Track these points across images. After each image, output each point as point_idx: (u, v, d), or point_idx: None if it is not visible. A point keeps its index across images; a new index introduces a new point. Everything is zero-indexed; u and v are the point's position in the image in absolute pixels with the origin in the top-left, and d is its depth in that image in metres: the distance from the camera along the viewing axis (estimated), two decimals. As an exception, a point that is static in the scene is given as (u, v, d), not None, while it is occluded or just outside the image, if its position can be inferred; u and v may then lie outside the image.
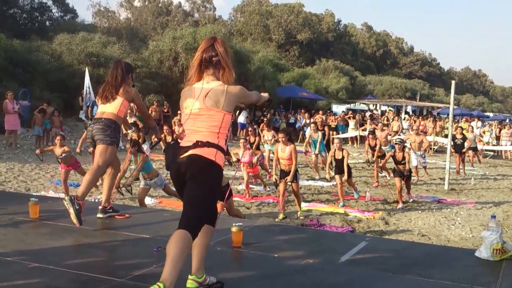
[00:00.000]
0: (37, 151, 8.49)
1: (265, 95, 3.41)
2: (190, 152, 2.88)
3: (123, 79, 4.84)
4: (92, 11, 43.31)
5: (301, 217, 8.11)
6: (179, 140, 3.06)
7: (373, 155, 11.73)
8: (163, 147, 11.09)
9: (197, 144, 2.88)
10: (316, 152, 12.43)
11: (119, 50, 22.84)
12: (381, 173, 11.67)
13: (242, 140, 10.45)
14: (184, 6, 46.38)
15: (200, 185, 2.84)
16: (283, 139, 7.93)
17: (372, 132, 12.13)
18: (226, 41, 3.10)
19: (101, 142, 4.75)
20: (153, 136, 5.40)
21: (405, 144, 10.54)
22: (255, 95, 3.29)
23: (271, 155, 10.10)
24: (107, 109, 4.82)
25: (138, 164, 7.33)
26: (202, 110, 2.94)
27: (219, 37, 3.10)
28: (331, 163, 9.74)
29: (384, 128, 13.61)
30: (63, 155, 8.18)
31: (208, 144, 2.89)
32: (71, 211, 4.35)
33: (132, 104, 5.19)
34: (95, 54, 21.42)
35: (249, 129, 12.71)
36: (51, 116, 15.26)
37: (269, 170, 9.97)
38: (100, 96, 4.89)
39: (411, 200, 9.48)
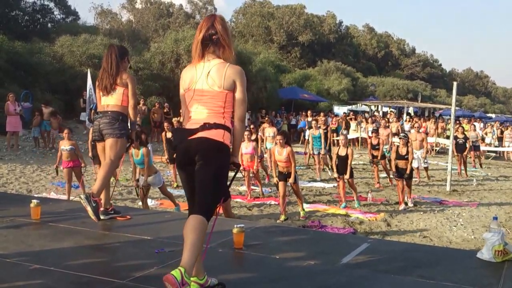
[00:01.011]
0: (55, 166, 8.64)
1: (235, 159, 3.08)
2: (199, 134, 2.88)
3: (117, 64, 4.73)
4: (94, 13, 43.31)
5: (303, 218, 8.10)
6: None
7: (372, 155, 11.68)
8: (164, 143, 11.08)
9: (205, 126, 2.88)
10: (322, 152, 12.36)
11: (121, 52, 22.86)
12: (390, 176, 11.62)
13: (246, 132, 10.34)
14: (185, 8, 46.45)
15: (210, 168, 2.85)
16: (281, 141, 7.91)
17: (376, 131, 12.08)
18: (225, 19, 3.08)
19: (110, 136, 4.70)
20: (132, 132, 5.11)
21: (409, 140, 10.49)
22: (244, 102, 3.02)
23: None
24: (110, 101, 4.77)
25: (145, 160, 7.32)
26: (205, 91, 2.94)
27: (218, 15, 3.09)
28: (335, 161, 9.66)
29: (386, 127, 13.61)
30: (69, 147, 8.23)
31: (215, 126, 2.89)
32: (89, 208, 4.36)
33: (140, 105, 5.06)
34: (97, 56, 21.43)
35: (251, 126, 12.66)
36: (50, 117, 15.27)
37: (269, 172, 9.96)
38: (99, 87, 4.80)
39: (412, 204, 9.40)
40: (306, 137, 16.50)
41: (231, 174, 3.40)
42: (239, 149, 3.17)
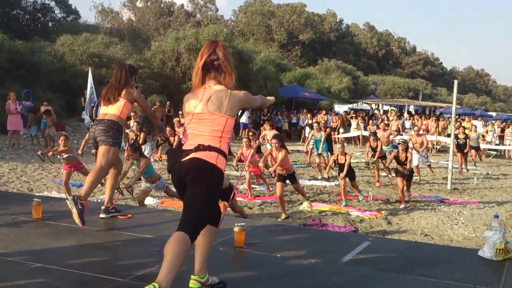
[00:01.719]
0: (39, 152, 8.50)
1: (270, 98, 3.38)
2: (192, 155, 2.88)
3: (126, 81, 4.88)
4: (94, 12, 43.31)
5: (309, 208, 8.15)
6: (182, 142, 3.05)
7: (373, 155, 11.70)
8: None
9: (199, 148, 2.89)
10: (320, 151, 12.40)
11: (122, 51, 22.88)
12: (386, 173, 11.64)
13: (245, 139, 10.44)
14: (187, 6, 46.44)
15: (199, 188, 2.84)
16: (276, 145, 7.95)
17: (374, 134, 12.09)
18: (226, 45, 3.10)
19: (104, 143, 4.77)
20: (159, 135, 5.46)
21: (408, 145, 10.52)
22: (259, 100, 3.24)
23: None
24: (110, 110, 4.85)
25: (141, 167, 7.35)
26: (205, 114, 2.94)
27: (220, 41, 3.10)
28: (333, 164, 9.69)
29: (386, 128, 13.60)
30: (65, 156, 8.19)
31: (209, 148, 2.89)
32: (74, 210, 4.37)
33: (135, 105, 5.22)
34: (98, 55, 21.46)
35: (250, 133, 12.69)
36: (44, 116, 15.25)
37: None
38: (103, 98, 4.92)
39: (410, 198, 9.44)
40: (306, 135, 16.50)
41: (233, 173, 3.40)
42: (260, 98, 3.27)
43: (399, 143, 9.84)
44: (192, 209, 2.83)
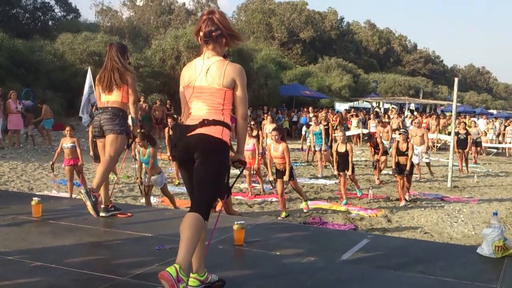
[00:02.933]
0: (51, 163, 8.56)
1: (240, 157, 3.12)
2: (198, 131, 2.88)
3: (118, 62, 4.75)
4: (94, 11, 43.36)
5: (306, 209, 8.13)
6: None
7: (375, 153, 11.66)
8: (167, 140, 11.08)
9: (204, 123, 2.88)
10: (324, 148, 12.35)
11: (122, 49, 22.86)
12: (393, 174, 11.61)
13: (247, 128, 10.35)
14: (189, 5, 46.42)
15: (208, 165, 2.84)
16: (276, 137, 7.87)
17: (372, 141, 11.96)
18: (224, 13, 3.06)
19: (111, 132, 4.71)
20: (131, 128, 5.10)
21: (409, 136, 10.47)
22: (245, 101, 3.02)
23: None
24: (111, 97, 4.78)
25: (150, 160, 7.33)
26: (204, 88, 2.93)
27: (218, 9, 3.08)
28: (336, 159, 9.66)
29: (386, 124, 13.61)
30: (71, 144, 8.25)
31: (214, 122, 2.89)
32: (88, 203, 4.37)
33: (141, 103, 5.09)
34: (97, 53, 21.45)
35: (252, 122, 12.64)
36: (40, 106, 15.20)
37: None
38: (100, 83, 4.81)
39: (410, 198, 9.42)
40: (303, 133, 16.48)
41: (235, 172, 3.40)
42: (243, 146, 3.17)
43: (400, 133, 9.77)
44: (202, 187, 2.84)
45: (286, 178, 7.76)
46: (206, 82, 2.93)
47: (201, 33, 2.95)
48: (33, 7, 30.97)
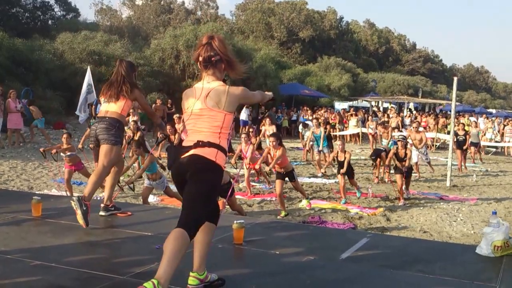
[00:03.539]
0: (41, 149, 8.49)
1: (269, 93, 3.39)
2: (191, 152, 2.89)
3: (127, 78, 4.85)
4: (94, 10, 43.30)
5: (308, 207, 8.16)
6: (182, 139, 3.06)
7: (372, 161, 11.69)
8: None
9: (198, 144, 2.89)
10: (320, 148, 12.40)
11: (121, 49, 22.87)
12: (385, 172, 11.65)
13: (244, 135, 10.37)
14: (188, 4, 46.37)
15: (199, 184, 2.85)
16: (274, 143, 7.96)
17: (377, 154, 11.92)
18: (223, 39, 3.09)
19: (106, 142, 4.76)
20: (159, 133, 5.44)
21: (407, 141, 10.52)
22: (258, 95, 3.26)
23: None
24: (111, 108, 4.83)
25: (144, 163, 7.34)
26: (204, 111, 2.94)
27: (217, 35, 3.10)
28: (332, 161, 9.69)
29: (386, 124, 13.62)
30: (68, 153, 8.21)
31: (209, 144, 2.89)
32: (78, 212, 4.40)
33: (135, 102, 5.21)
34: (97, 53, 21.46)
35: (250, 129, 12.65)
36: (30, 106, 15.13)
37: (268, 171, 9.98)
38: (104, 95, 4.90)
39: (410, 197, 9.46)
40: (300, 130, 16.48)
41: (234, 171, 3.42)
42: (258, 93, 3.27)
43: (398, 140, 9.86)
44: (191, 206, 2.84)
45: (270, 167, 7.88)
46: (205, 106, 2.94)
47: (201, 58, 2.98)
48: (33, 6, 30.94)
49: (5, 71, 18.17)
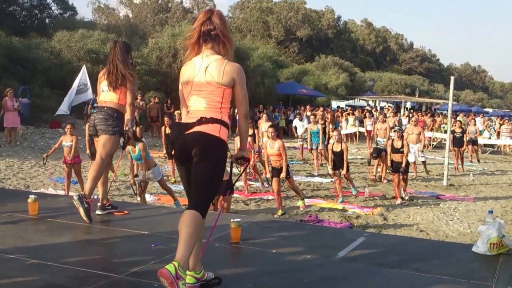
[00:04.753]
0: (44, 155, 8.52)
1: (243, 154, 3.11)
2: (195, 129, 2.89)
3: (123, 60, 4.74)
4: (91, 8, 43.22)
5: (303, 208, 8.16)
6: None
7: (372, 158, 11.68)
8: (163, 138, 11.06)
9: (201, 121, 2.89)
10: (321, 147, 12.39)
11: (119, 47, 22.81)
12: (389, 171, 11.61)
13: None
14: (185, 3, 46.29)
15: (206, 163, 2.85)
16: (272, 134, 7.89)
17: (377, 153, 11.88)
18: (223, 14, 3.08)
19: (104, 133, 4.70)
20: (125, 129, 4.82)
21: (403, 133, 10.48)
22: (246, 106, 3.04)
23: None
24: (108, 97, 4.78)
25: (142, 155, 7.33)
26: (203, 86, 2.94)
27: (217, 9, 3.09)
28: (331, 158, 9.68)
29: (385, 120, 13.64)
30: (70, 143, 8.25)
31: (212, 120, 2.90)
32: (81, 209, 4.41)
33: (138, 101, 5.08)
34: (94, 51, 21.40)
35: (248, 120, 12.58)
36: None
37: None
38: (106, 79, 4.77)
39: (407, 197, 9.45)
40: (294, 124, 16.43)
41: (236, 171, 3.42)
42: (246, 144, 3.17)
43: (394, 131, 9.78)
44: (200, 185, 2.85)
45: (283, 175, 7.76)
46: (204, 80, 2.94)
47: (199, 31, 2.96)
48: (30, 4, 30.84)
49: (2, 69, 18.11)
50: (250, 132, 10.84)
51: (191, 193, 2.89)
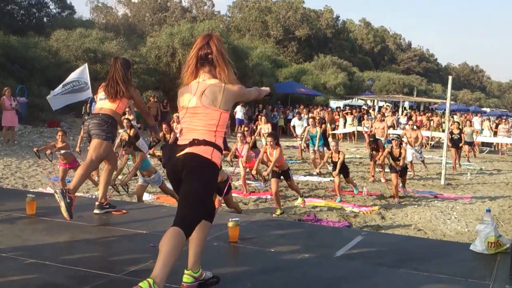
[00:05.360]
0: (34, 149, 8.45)
1: (265, 89, 3.41)
2: (187, 150, 2.88)
3: (123, 76, 4.81)
4: (90, 7, 43.10)
5: (302, 204, 8.18)
6: (178, 138, 3.05)
7: (372, 148, 11.66)
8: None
9: (194, 142, 2.88)
10: (316, 148, 12.42)
11: (117, 46, 22.79)
12: (379, 170, 11.68)
13: (239, 135, 10.42)
14: (184, 2, 46.22)
15: (195, 183, 2.83)
16: (271, 143, 7.98)
17: (374, 141, 11.89)
18: (221, 38, 3.09)
19: (96, 137, 4.75)
20: (152, 136, 5.28)
21: (402, 139, 10.54)
22: (254, 92, 3.24)
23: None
24: (106, 105, 4.83)
25: (136, 162, 7.33)
26: (199, 108, 2.93)
27: (215, 34, 3.09)
28: (329, 160, 9.70)
29: (383, 119, 13.67)
30: (63, 151, 8.18)
31: (204, 143, 2.88)
32: (62, 204, 4.34)
33: (131, 101, 5.18)
34: (92, 50, 21.37)
35: (245, 128, 12.62)
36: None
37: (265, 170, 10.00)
38: (104, 91, 4.85)
39: (406, 195, 9.50)
40: (292, 124, 16.42)
41: (230, 169, 3.43)
42: (255, 90, 3.27)
43: (393, 139, 9.87)
44: (187, 204, 2.83)
45: (266, 173, 7.94)
46: (200, 104, 2.93)
47: (197, 55, 2.98)
48: (28, 3, 30.75)
49: (0, 68, 18.08)
50: (249, 139, 10.89)
51: (178, 210, 2.85)
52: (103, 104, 4.86)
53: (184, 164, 2.86)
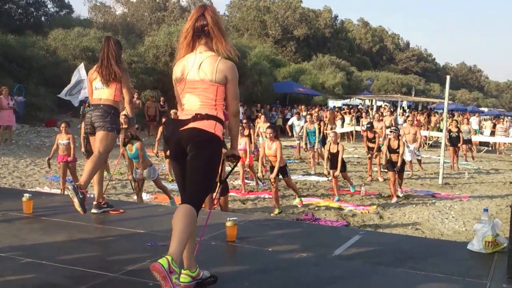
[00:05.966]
0: (47, 158, 8.50)
1: (238, 152, 3.20)
2: (190, 125, 2.88)
3: (116, 59, 4.72)
4: (88, 6, 43.03)
5: (300, 204, 8.18)
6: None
7: (368, 147, 11.65)
8: (158, 137, 11.04)
9: (196, 117, 2.88)
10: (317, 146, 12.39)
11: (115, 46, 22.75)
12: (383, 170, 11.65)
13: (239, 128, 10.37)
14: (182, 1, 46.15)
15: (201, 159, 2.85)
16: (270, 135, 7.95)
17: (370, 126, 11.95)
18: (216, 10, 3.05)
19: (101, 129, 4.71)
20: (128, 130, 5.02)
21: (400, 133, 10.51)
22: (237, 104, 3.06)
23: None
24: (103, 95, 4.77)
25: (139, 154, 7.31)
26: (197, 83, 2.92)
27: (209, 5, 3.07)
28: (328, 158, 9.69)
29: (381, 118, 13.67)
30: (66, 141, 8.24)
31: (207, 117, 2.88)
32: (75, 200, 4.33)
33: (134, 99, 5.07)
34: (90, 49, 21.33)
35: (244, 121, 12.58)
36: None
37: (265, 165, 9.97)
38: (99, 74, 4.75)
39: (403, 195, 9.49)
40: (289, 123, 16.42)
41: (228, 168, 3.42)
42: (236, 142, 3.17)
43: (391, 131, 9.85)
44: (195, 180, 2.84)
45: (273, 175, 7.78)
46: (198, 77, 2.92)
47: (193, 27, 2.94)
48: (26, 2, 30.68)
49: (-3, 67, 18.05)
50: (246, 132, 10.85)
51: (186, 188, 2.88)
52: (101, 93, 4.79)
53: (188, 140, 2.86)
